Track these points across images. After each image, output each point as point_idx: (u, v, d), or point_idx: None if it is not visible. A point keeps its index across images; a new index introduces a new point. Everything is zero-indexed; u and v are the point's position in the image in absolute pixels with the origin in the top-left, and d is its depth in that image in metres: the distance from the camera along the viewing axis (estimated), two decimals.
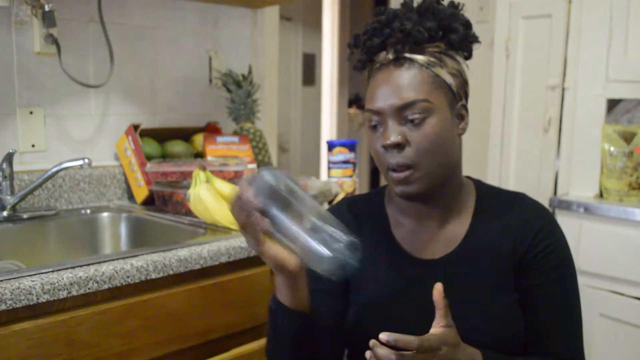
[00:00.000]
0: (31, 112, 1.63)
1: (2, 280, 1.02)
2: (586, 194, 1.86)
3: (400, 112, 0.89)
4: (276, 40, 2.38)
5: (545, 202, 1.93)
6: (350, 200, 1.08)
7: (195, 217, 1.51)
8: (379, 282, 0.98)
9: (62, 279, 1.06)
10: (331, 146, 1.82)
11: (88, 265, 1.13)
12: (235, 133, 1.93)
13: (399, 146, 0.89)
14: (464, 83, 0.96)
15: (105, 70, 1.73)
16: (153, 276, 1.19)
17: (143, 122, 1.84)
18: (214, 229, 1.44)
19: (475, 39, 0.96)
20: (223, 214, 1.44)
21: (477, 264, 0.94)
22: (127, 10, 1.80)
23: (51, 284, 1.04)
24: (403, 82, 0.89)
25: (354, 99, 4.88)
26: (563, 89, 1.92)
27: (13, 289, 1.00)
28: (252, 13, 2.14)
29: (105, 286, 1.11)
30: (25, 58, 1.60)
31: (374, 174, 4.79)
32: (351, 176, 1.79)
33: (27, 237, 1.49)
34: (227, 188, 1.48)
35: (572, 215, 1.82)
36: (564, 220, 1.85)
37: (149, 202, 1.70)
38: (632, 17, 1.74)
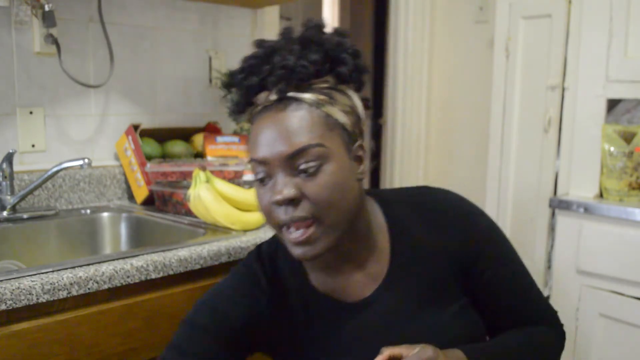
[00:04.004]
0: (31, 112, 1.63)
1: (2, 280, 1.02)
2: (586, 194, 1.86)
3: (291, 161, 0.77)
4: None
5: (545, 202, 1.93)
6: (259, 257, 0.94)
7: (195, 217, 1.51)
8: (313, 338, 0.90)
9: (62, 279, 1.06)
10: None
11: (88, 265, 1.13)
12: (235, 133, 1.93)
13: (293, 201, 0.78)
14: (358, 120, 0.85)
15: (105, 70, 1.73)
16: (153, 276, 1.19)
17: (143, 122, 1.84)
18: (214, 229, 1.44)
19: (364, 70, 0.84)
20: (223, 214, 1.44)
21: (413, 284, 0.88)
22: (127, 10, 1.80)
23: (51, 284, 1.04)
24: (291, 125, 0.78)
25: None
26: (563, 89, 1.92)
27: (13, 289, 1.00)
28: (252, 13, 2.14)
29: (105, 286, 1.11)
30: (25, 58, 1.60)
31: (374, 174, 4.79)
32: None
33: (27, 237, 1.49)
34: (227, 188, 1.48)
35: (572, 215, 1.82)
36: (564, 221, 1.85)
37: (149, 202, 1.70)
38: (632, 17, 1.74)
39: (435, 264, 0.88)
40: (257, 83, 0.80)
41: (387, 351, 0.77)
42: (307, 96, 0.79)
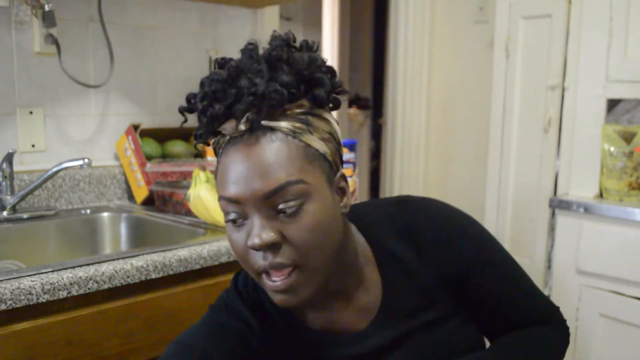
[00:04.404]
0: (31, 112, 1.63)
1: (2, 280, 1.02)
2: (586, 194, 1.86)
3: (268, 200, 0.68)
4: None
5: (545, 202, 1.93)
6: (239, 291, 0.86)
7: (195, 217, 1.51)
8: None
9: (62, 279, 1.06)
10: None
11: (88, 265, 1.13)
12: None
13: (273, 245, 0.69)
14: (338, 147, 0.76)
15: (105, 70, 1.73)
16: (153, 276, 1.19)
17: (143, 122, 1.84)
18: (214, 229, 1.44)
19: (343, 90, 0.76)
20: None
21: (408, 310, 0.83)
22: (127, 10, 1.80)
23: (51, 284, 1.04)
24: (266, 159, 0.68)
25: (354, 99, 4.89)
26: (563, 89, 1.92)
27: (13, 289, 1.00)
28: (252, 13, 2.14)
29: (105, 286, 1.11)
30: (25, 58, 1.60)
31: (374, 174, 4.79)
32: (351, 176, 1.79)
33: (27, 237, 1.49)
34: None
35: (572, 215, 1.82)
36: (564, 221, 1.85)
37: (149, 202, 1.70)
38: (632, 17, 1.74)
39: (427, 285, 0.83)
40: (223, 112, 0.70)
41: None
42: (283, 125, 0.70)
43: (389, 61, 2.86)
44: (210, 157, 1.79)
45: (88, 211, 1.63)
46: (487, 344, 0.92)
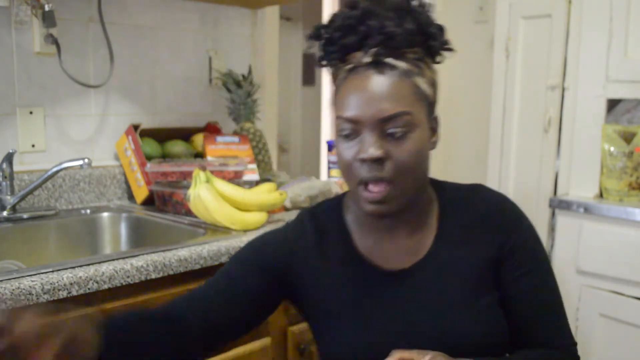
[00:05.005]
0: (31, 112, 1.63)
1: (2, 280, 1.02)
2: (586, 194, 1.86)
3: (381, 124, 0.82)
4: (276, 40, 2.38)
5: (545, 202, 1.93)
6: (312, 213, 0.99)
7: (195, 217, 1.51)
8: (347, 300, 0.92)
9: (62, 279, 1.06)
10: (331, 146, 1.82)
11: (88, 265, 1.13)
12: (235, 133, 1.93)
13: (378, 160, 0.82)
14: (436, 94, 0.91)
15: (105, 70, 1.73)
16: (153, 276, 1.19)
17: (143, 122, 1.84)
18: (214, 229, 1.44)
19: (450, 47, 0.90)
20: (223, 214, 1.44)
21: (450, 268, 0.90)
22: (127, 10, 1.80)
23: (51, 284, 1.04)
24: (384, 90, 0.82)
25: None
26: (563, 89, 1.92)
27: (13, 289, 1.00)
28: (252, 13, 2.14)
29: (105, 286, 1.11)
30: (25, 58, 1.60)
31: None
32: None
33: (27, 237, 1.49)
34: (227, 188, 1.48)
35: (572, 215, 1.82)
36: (564, 221, 1.85)
37: (149, 202, 1.70)
38: (632, 17, 1.74)
39: (476, 252, 0.90)
40: (354, 43, 0.83)
41: (397, 354, 0.77)
42: (401, 64, 0.83)
43: None
44: (210, 157, 1.79)
45: (88, 211, 1.63)
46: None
